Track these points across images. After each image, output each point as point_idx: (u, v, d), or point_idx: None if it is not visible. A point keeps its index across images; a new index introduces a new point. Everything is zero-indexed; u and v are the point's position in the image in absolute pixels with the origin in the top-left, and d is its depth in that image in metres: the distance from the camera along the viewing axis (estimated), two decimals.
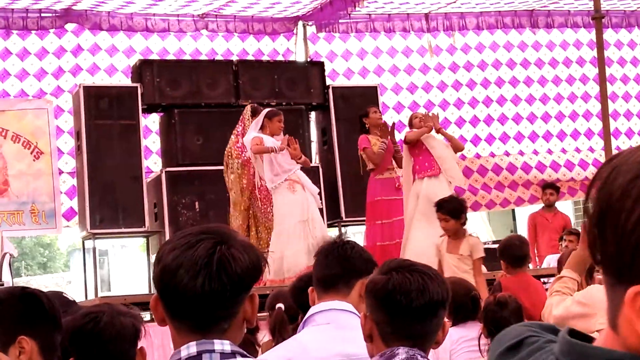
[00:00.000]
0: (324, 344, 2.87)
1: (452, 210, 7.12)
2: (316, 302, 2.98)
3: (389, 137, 9.05)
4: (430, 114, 9.13)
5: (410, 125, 9.08)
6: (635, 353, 1.07)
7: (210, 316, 1.97)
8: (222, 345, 1.96)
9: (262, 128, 8.54)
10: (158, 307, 2.01)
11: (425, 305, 2.35)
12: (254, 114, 8.88)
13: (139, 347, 2.77)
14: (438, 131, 8.94)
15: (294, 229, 8.21)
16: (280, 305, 4.36)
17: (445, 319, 2.50)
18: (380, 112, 9.50)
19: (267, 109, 8.75)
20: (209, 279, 1.92)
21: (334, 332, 2.88)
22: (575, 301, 3.35)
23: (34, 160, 10.43)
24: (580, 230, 7.16)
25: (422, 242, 8.20)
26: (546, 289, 6.98)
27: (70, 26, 10.87)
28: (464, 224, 7.19)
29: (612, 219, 1.07)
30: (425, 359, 2.38)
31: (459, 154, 9.48)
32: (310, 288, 2.93)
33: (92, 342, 2.72)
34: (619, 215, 1.06)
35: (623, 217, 1.05)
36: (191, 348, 1.96)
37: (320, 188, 9.67)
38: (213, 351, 1.95)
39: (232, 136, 9.08)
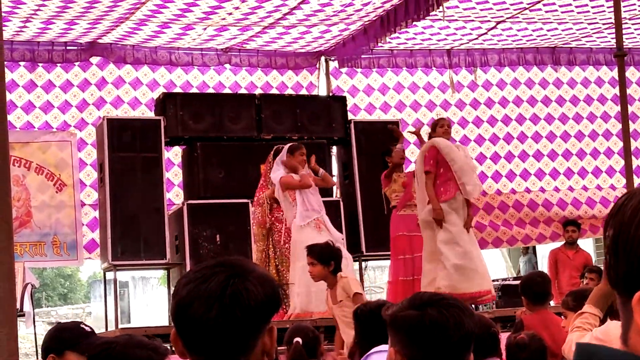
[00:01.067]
0: None
1: (319, 255, 6.93)
2: None
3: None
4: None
5: (434, 129, 9.01)
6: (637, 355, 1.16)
7: (227, 349, 1.96)
8: None
9: (286, 164, 8.59)
10: (178, 341, 2.01)
11: (462, 339, 2.35)
12: (276, 155, 8.90)
13: None
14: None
15: None
16: (299, 339, 4.37)
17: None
18: (403, 151, 9.50)
19: (288, 145, 8.79)
20: (223, 312, 1.92)
21: None
22: (593, 337, 3.34)
23: (56, 192, 10.50)
24: (602, 267, 7.12)
25: (455, 249, 8.36)
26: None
27: (95, 59, 10.98)
28: (334, 271, 6.91)
29: (623, 238, 1.18)
30: None
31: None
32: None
33: None
34: (628, 231, 1.17)
35: (632, 232, 1.17)
36: None
37: (341, 222, 9.69)
38: None
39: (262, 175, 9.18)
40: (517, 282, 8.49)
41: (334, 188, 10.61)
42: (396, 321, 2.42)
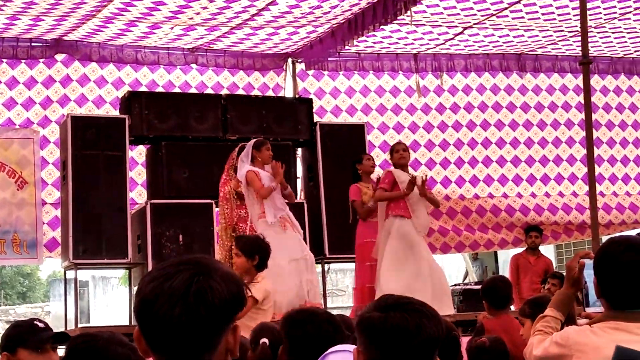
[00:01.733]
0: None
1: (244, 247, 6.89)
2: None
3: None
4: (419, 177, 8.88)
5: (391, 154, 9.05)
6: None
7: (190, 347, 1.95)
8: None
9: (253, 160, 8.55)
10: (141, 339, 2.00)
11: (421, 344, 2.34)
12: (241, 152, 8.86)
13: None
14: (423, 196, 8.83)
15: (288, 266, 8.19)
16: (265, 340, 4.34)
17: None
18: (373, 160, 9.52)
19: (252, 140, 8.75)
20: (186, 310, 1.91)
21: None
22: (553, 342, 3.36)
23: (17, 189, 10.40)
24: (564, 273, 7.17)
25: (394, 284, 8.20)
26: None
27: (60, 56, 10.89)
28: (257, 266, 6.86)
29: None
30: None
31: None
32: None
33: None
34: None
35: None
36: None
37: (304, 224, 9.68)
38: None
39: (224, 173, 9.09)
40: (479, 286, 8.52)
41: (298, 190, 10.61)
42: (361, 322, 2.43)
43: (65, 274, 10.07)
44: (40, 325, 4.00)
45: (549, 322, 3.52)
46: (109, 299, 26.25)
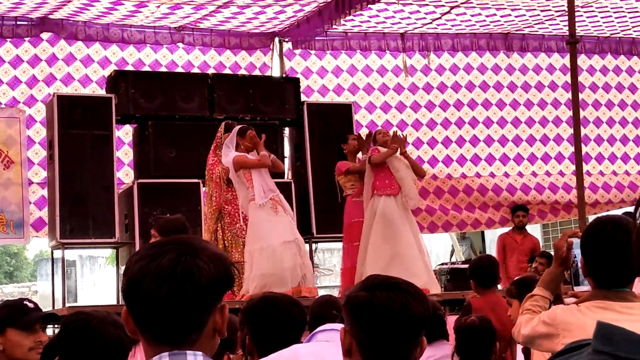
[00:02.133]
0: (316, 354, 2.91)
1: (159, 229, 6.88)
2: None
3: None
4: (398, 135, 9.09)
5: (374, 141, 9.08)
6: None
7: (178, 327, 1.95)
8: (195, 356, 1.95)
9: (237, 147, 8.53)
10: (129, 319, 2.01)
11: (407, 323, 2.36)
12: (228, 130, 8.84)
13: None
14: (403, 154, 8.92)
15: (281, 248, 8.18)
16: None
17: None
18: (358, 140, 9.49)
19: (237, 127, 8.71)
20: (173, 289, 1.92)
21: (330, 348, 2.92)
22: (541, 321, 3.38)
23: (4, 169, 10.35)
24: (551, 252, 7.20)
25: (377, 264, 8.20)
26: None
27: (45, 35, 10.83)
28: None
29: None
30: None
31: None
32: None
33: (76, 341, 2.76)
34: None
35: None
36: (163, 359, 1.96)
37: (292, 204, 9.68)
38: None
39: (210, 153, 9.07)
40: (466, 265, 8.55)
41: (286, 169, 10.60)
42: (348, 302, 2.45)
43: (52, 253, 10.06)
44: (30, 305, 4.01)
45: (537, 301, 3.54)
46: (96, 279, 26.23)
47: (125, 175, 10.78)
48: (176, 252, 1.95)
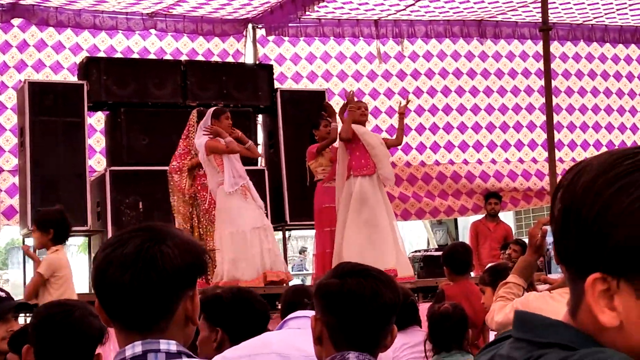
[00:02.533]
0: (286, 341, 2.91)
1: (38, 222, 6.77)
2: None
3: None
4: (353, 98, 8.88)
5: (343, 110, 8.96)
6: (585, 332, 1.16)
7: (145, 314, 1.95)
8: (168, 345, 1.94)
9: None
10: (101, 310, 2.01)
11: (377, 310, 2.36)
12: (201, 117, 8.79)
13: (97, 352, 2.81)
14: (402, 113, 8.96)
15: (251, 234, 8.18)
16: None
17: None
18: (330, 126, 9.38)
19: (212, 109, 8.69)
20: (137, 276, 1.91)
21: (302, 335, 2.93)
22: (513, 308, 3.39)
23: None
24: (525, 240, 7.21)
25: (353, 248, 8.19)
26: None
27: (16, 21, 10.72)
28: (54, 239, 6.69)
29: (574, 214, 1.15)
30: None
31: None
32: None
33: (58, 332, 2.75)
34: (581, 210, 1.15)
35: (585, 211, 1.14)
36: (136, 347, 1.93)
37: (265, 191, 9.67)
38: (159, 351, 1.93)
39: (180, 140, 9.00)
40: (439, 253, 8.57)
41: (259, 157, 10.57)
42: (319, 289, 2.46)
43: (23, 241, 9.97)
44: (2, 294, 3.98)
45: (511, 288, 3.56)
46: None
47: (97, 163, 10.71)
48: (141, 239, 1.95)
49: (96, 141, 10.78)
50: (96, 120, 10.81)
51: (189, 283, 1.98)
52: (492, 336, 5.55)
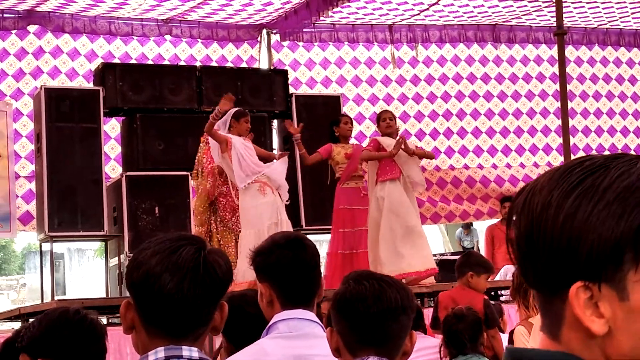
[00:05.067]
0: (285, 349, 2.89)
1: None
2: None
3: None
4: (400, 140, 8.90)
5: (378, 123, 9.09)
6: (571, 354, 1.13)
7: (189, 321, 1.97)
8: (190, 351, 1.96)
9: (230, 129, 8.52)
10: (129, 313, 2.00)
11: (382, 311, 2.37)
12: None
13: None
14: (412, 154, 8.87)
15: (268, 231, 8.18)
16: None
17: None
18: (351, 123, 9.37)
19: (234, 109, 8.72)
20: (195, 283, 1.93)
21: (295, 340, 2.90)
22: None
23: None
24: None
25: (391, 249, 8.41)
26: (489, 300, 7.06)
27: (32, 28, 10.78)
28: None
29: (538, 233, 1.13)
30: None
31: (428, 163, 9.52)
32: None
33: (78, 337, 2.69)
34: (544, 227, 1.12)
35: (549, 227, 1.12)
36: (159, 353, 1.95)
37: None
38: (181, 357, 1.95)
39: (202, 144, 9.04)
40: (455, 257, 8.56)
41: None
42: (333, 300, 2.49)
43: (40, 246, 10.03)
44: None
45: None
46: (84, 271, 26.17)
47: (111, 169, 10.74)
48: (193, 247, 1.96)
49: (110, 148, 10.82)
50: (110, 128, 10.86)
51: (225, 292, 2.02)
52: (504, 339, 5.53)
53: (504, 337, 5.69)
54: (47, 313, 2.81)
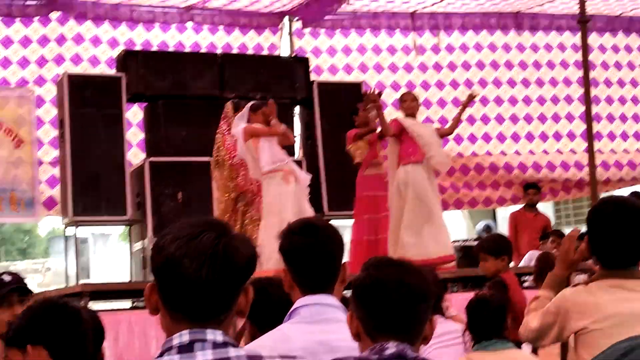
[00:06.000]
0: (307, 335, 2.90)
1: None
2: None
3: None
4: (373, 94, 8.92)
5: (400, 104, 9.07)
6: None
7: (210, 306, 1.98)
8: (214, 335, 1.97)
9: (249, 122, 8.53)
10: (153, 296, 2.02)
11: (403, 297, 2.37)
12: (237, 109, 8.86)
13: None
14: (464, 106, 9.26)
15: (294, 220, 8.17)
16: None
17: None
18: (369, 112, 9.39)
19: (250, 102, 8.73)
20: (213, 269, 1.94)
21: (317, 325, 2.91)
22: (548, 311, 3.39)
23: (14, 148, 10.37)
24: (563, 231, 7.16)
25: (413, 233, 8.44)
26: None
27: (54, 15, 10.80)
28: None
29: None
30: (416, 354, 2.39)
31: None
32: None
33: (60, 322, 2.73)
34: None
35: None
36: (184, 337, 1.96)
37: None
38: (205, 340, 1.96)
39: (219, 135, 9.03)
40: (476, 243, 8.54)
41: (297, 148, 10.60)
42: (352, 287, 2.49)
43: (65, 231, 10.10)
44: (8, 278, 4.00)
45: (542, 302, 3.54)
46: (108, 256, 26.29)
47: (133, 156, 10.73)
48: (214, 233, 1.97)
49: (132, 135, 10.84)
50: (132, 115, 10.86)
51: (248, 277, 2.03)
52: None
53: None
54: (30, 305, 2.88)
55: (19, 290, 3.97)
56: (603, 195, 10.64)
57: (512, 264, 7.59)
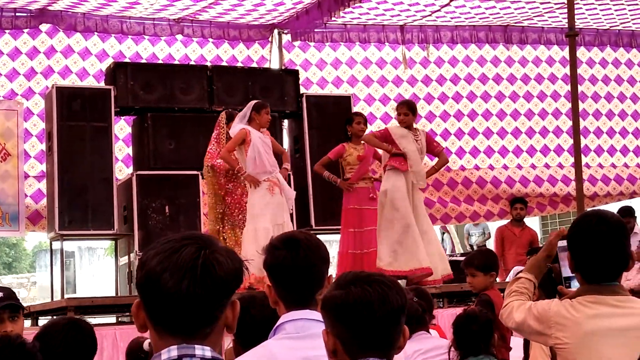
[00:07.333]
0: (292, 350, 2.88)
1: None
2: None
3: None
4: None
5: (396, 114, 9.10)
6: None
7: (193, 320, 1.97)
8: (203, 350, 1.96)
9: (250, 121, 8.52)
10: (140, 313, 2.02)
11: (387, 314, 2.36)
12: (230, 120, 8.88)
13: None
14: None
15: (273, 231, 8.18)
16: None
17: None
18: (364, 123, 9.32)
19: (254, 102, 8.73)
20: (194, 283, 1.93)
21: (302, 341, 2.89)
22: (532, 314, 3.40)
23: (1, 161, 10.33)
24: None
25: (388, 246, 8.49)
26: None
27: (44, 27, 10.80)
28: None
29: None
30: None
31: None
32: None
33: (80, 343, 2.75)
34: None
35: None
36: (172, 352, 1.95)
37: None
38: (194, 356, 1.95)
39: (212, 143, 9.07)
40: (464, 258, 8.53)
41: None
42: (325, 303, 2.45)
43: (51, 244, 10.06)
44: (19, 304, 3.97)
45: (523, 283, 3.59)
46: (95, 270, 26.23)
47: (118, 170, 10.64)
48: (195, 247, 1.97)
49: (118, 149, 10.78)
50: (119, 129, 10.82)
51: (233, 291, 2.01)
52: (519, 344, 5.48)
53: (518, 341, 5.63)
54: None
55: (10, 308, 3.94)
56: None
57: (498, 279, 7.58)
